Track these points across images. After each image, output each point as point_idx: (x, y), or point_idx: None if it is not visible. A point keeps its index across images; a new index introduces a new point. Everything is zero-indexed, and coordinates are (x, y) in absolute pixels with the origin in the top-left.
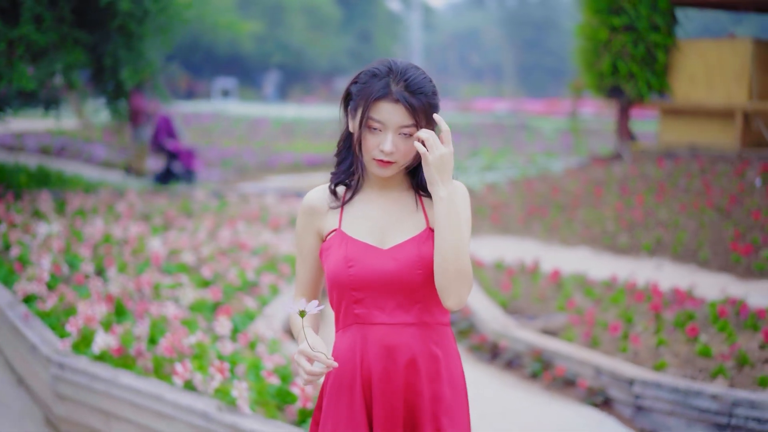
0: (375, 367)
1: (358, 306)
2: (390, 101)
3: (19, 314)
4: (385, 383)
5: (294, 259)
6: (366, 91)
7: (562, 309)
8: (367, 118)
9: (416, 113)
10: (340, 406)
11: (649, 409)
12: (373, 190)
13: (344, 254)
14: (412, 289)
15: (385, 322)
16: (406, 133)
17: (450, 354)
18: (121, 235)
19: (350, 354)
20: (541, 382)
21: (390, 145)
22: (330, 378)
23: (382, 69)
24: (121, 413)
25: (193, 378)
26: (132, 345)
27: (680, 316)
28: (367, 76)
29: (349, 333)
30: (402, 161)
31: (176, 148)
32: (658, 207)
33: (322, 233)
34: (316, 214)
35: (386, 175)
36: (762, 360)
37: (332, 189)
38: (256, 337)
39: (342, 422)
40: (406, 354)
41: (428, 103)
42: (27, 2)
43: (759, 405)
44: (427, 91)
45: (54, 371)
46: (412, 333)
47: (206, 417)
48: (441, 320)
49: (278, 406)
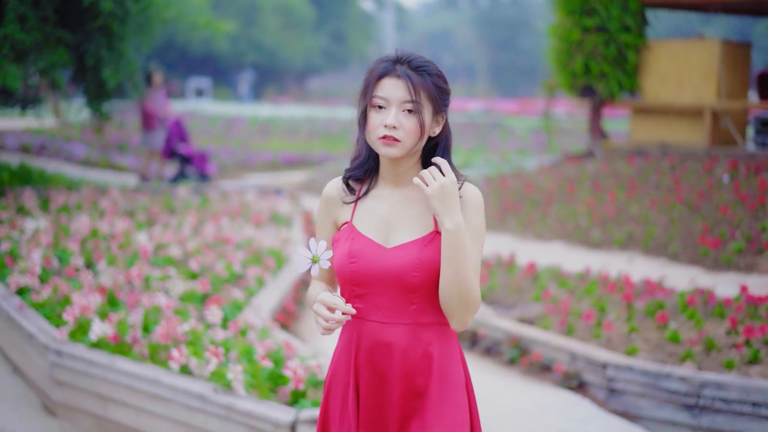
0: (363, 364)
1: (358, 301)
2: (393, 77)
3: (13, 305)
4: (371, 379)
5: (278, 253)
6: (372, 73)
7: (538, 299)
8: (371, 97)
9: (417, 89)
10: (337, 401)
11: (622, 392)
12: (387, 187)
13: (348, 249)
14: (409, 290)
15: (379, 320)
16: (410, 109)
17: (447, 353)
18: (108, 230)
19: (347, 348)
20: (518, 367)
21: (392, 119)
22: (330, 374)
23: (390, 54)
24: (118, 397)
25: (188, 362)
26: (127, 333)
27: (651, 305)
28: (375, 63)
29: (348, 327)
30: (408, 141)
31: (190, 153)
32: (630, 203)
33: (338, 223)
34: (333, 204)
35: (394, 155)
36: (728, 345)
37: (346, 183)
38: (246, 325)
39: (337, 417)
40: (396, 352)
41: (433, 83)
42: (11, 2)
43: (725, 386)
44: (430, 71)
45: (52, 358)
46: (404, 332)
47: (203, 399)
48: (439, 320)
49: (271, 388)
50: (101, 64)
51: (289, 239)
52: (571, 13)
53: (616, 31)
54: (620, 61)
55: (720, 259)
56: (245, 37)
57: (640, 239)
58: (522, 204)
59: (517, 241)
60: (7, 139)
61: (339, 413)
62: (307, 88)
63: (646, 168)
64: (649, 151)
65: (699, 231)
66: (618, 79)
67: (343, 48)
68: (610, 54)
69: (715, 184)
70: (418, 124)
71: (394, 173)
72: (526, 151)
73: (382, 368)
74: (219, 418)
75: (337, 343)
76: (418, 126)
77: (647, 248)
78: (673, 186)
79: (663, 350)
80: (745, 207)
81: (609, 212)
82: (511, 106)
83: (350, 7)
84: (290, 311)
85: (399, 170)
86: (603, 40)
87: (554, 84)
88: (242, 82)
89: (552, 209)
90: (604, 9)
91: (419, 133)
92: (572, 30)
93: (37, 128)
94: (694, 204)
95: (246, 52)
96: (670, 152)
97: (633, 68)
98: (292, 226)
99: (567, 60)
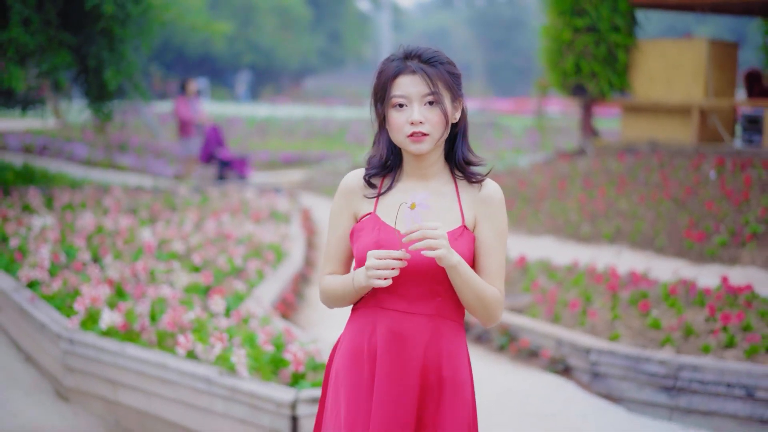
0: (382, 353)
1: (382, 290)
2: (408, 74)
3: (25, 298)
4: (389, 369)
5: (278, 247)
6: (384, 74)
7: (527, 290)
8: (391, 97)
9: (434, 81)
10: (347, 390)
11: (605, 375)
12: (412, 180)
13: (376, 238)
14: (436, 282)
15: (402, 310)
16: (431, 101)
17: (459, 348)
18: (112, 226)
19: (360, 334)
20: (507, 353)
21: (418, 114)
22: (338, 362)
23: (397, 52)
24: (128, 382)
25: (194, 348)
26: (136, 321)
27: (635, 294)
28: (384, 63)
29: (364, 313)
30: (435, 132)
31: (229, 157)
32: (619, 198)
33: (357, 215)
34: (354, 195)
35: (424, 150)
36: (707, 331)
37: (367, 180)
38: (248, 314)
39: (345, 407)
40: (417, 344)
41: (446, 71)
42: (15, 6)
43: (701, 368)
44: (442, 59)
45: (64, 346)
46: (425, 324)
47: (208, 381)
48: (456, 317)
49: (273, 371)
50: (102, 66)
51: (288, 235)
52: (562, 13)
53: (606, 31)
54: (610, 61)
55: (704, 252)
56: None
57: (627, 233)
58: (514, 200)
59: (509, 236)
60: (9, 140)
61: (350, 403)
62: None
63: (635, 165)
64: (639, 149)
65: (685, 225)
66: (608, 78)
67: (340, 48)
68: (601, 54)
69: (702, 180)
70: (441, 114)
71: (419, 167)
72: (521, 149)
73: (401, 358)
74: (224, 399)
75: (348, 323)
76: (442, 116)
77: (634, 242)
78: (661, 182)
79: (644, 336)
80: (730, 202)
81: (598, 208)
82: (507, 106)
83: (347, 7)
84: (290, 302)
85: (425, 164)
86: (593, 40)
87: (546, 83)
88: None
89: (543, 205)
90: (594, 10)
91: (444, 122)
92: (563, 30)
93: (38, 129)
94: (681, 199)
95: (243, 52)
96: (660, 149)
97: (623, 67)
98: (290, 222)
99: (558, 59)
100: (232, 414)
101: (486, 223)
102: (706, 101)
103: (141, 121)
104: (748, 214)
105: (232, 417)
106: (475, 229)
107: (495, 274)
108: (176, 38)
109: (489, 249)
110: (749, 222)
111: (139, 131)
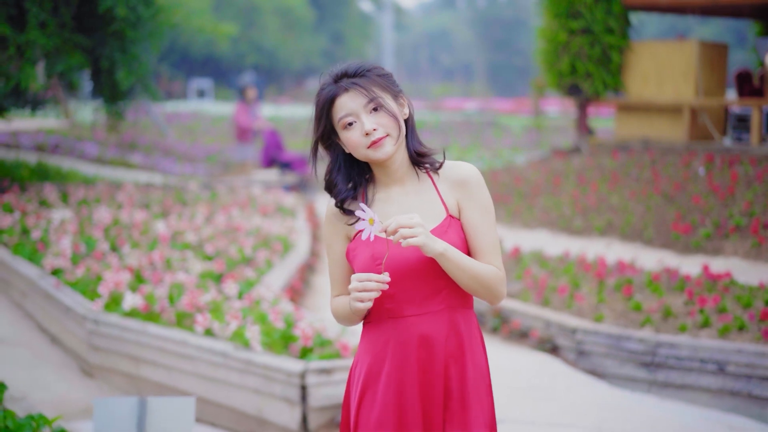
0: (411, 357)
1: (388, 301)
2: (342, 93)
3: (50, 284)
4: (417, 373)
5: (285, 239)
6: (320, 103)
7: (519, 278)
8: (339, 120)
9: (369, 88)
10: (375, 396)
11: (589, 353)
12: (387, 188)
13: (372, 253)
14: (435, 277)
15: (415, 313)
16: (375, 108)
17: (471, 337)
18: (128, 219)
19: (381, 346)
20: (500, 334)
21: (369, 124)
22: (358, 373)
23: (324, 79)
24: (150, 358)
25: (211, 326)
26: (156, 303)
27: (620, 281)
28: (317, 97)
29: (379, 327)
30: (392, 132)
31: (291, 159)
32: (610, 194)
33: (350, 235)
34: (340, 220)
35: (390, 152)
36: (685, 313)
37: (340, 207)
38: (259, 297)
39: (376, 411)
40: (437, 340)
41: (376, 75)
42: (33, 9)
43: (677, 345)
44: (367, 67)
45: (90, 327)
46: (440, 318)
47: (225, 355)
48: (465, 303)
49: (284, 345)
50: (115, 67)
51: (294, 228)
52: (558, 16)
53: (600, 32)
54: (604, 62)
55: (690, 244)
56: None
57: (618, 226)
58: (511, 196)
59: (505, 229)
60: (22, 139)
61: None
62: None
63: (628, 162)
64: (632, 146)
65: (672, 218)
66: (603, 78)
67: (342, 49)
68: (595, 54)
69: (692, 176)
70: (389, 114)
71: (389, 173)
72: (519, 147)
73: (426, 359)
74: (239, 372)
75: (362, 339)
76: (390, 116)
77: (624, 235)
78: (652, 178)
79: (627, 317)
80: (717, 196)
81: (591, 202)
82: (507, 105)
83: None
84: (297, 289)
85: (393, 168)
86: (588, 41)
87: (542, 83)
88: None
89: (538, 200)
90: (589, 12)
91: (396, 121)
92: (559, 32)
93: (49, 128)
94: (670, 194)
95: (246, 53)
96: (652, 147)
97: (617, 68)
98: (296, 216)
99: (554, 60)
100: (246, 385)
101: (469, 204)
102: (697, 100)
103: (150, 120)
104: (733, 207)
105: (247, 387)
106: (461, 214)
107: (489, 252)
108: (181, 40)
109: (477, 229)
110: (733, 215)
111: (148, 130)
